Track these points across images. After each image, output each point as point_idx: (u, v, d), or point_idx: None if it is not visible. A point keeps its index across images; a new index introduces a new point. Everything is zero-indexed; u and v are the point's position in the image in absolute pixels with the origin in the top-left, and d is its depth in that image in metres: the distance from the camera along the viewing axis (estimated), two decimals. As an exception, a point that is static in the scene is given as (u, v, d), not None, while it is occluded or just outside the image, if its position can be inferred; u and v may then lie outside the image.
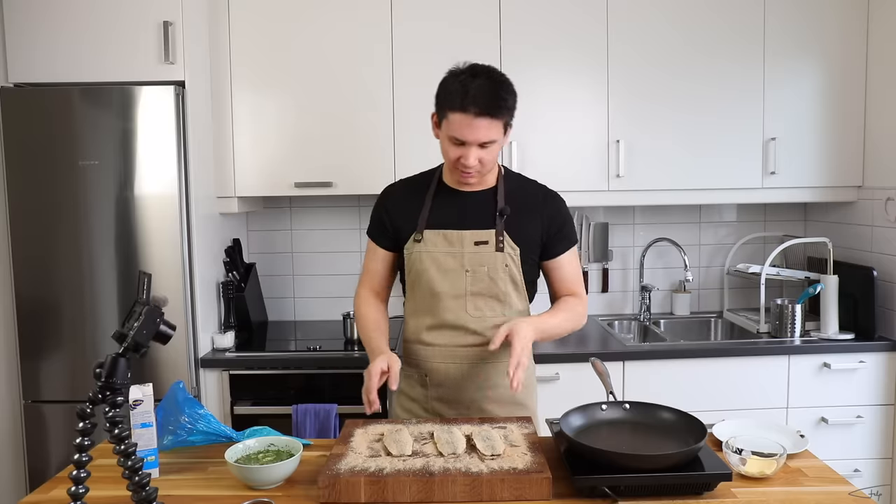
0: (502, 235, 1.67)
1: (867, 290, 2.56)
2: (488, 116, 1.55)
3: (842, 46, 2.68)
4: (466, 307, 1.69)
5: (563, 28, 2.63)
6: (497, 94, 1.56)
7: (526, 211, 1.71)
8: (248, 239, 3.05)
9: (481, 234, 1.67)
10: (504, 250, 1.67)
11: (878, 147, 2.66)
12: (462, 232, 1.68)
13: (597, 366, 1.66)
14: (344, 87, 2.61)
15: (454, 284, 1.69)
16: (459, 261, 1.68)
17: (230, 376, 2.45)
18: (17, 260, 2.34)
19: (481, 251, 1.67)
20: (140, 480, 1.17)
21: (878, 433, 2.54)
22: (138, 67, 2.37)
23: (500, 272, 1.68)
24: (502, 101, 1.57)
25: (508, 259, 1.67)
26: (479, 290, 1.68)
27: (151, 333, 1.20)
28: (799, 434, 1.55)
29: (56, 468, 2.36)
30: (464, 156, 1.60)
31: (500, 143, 1.63)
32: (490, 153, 1.61)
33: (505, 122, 1.60)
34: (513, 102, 1.61)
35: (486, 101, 1.55)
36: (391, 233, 1.77)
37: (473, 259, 1.67)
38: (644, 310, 2.99)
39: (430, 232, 1.70)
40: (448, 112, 1.59)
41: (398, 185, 1.84)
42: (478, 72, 1.60)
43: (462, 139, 1.58)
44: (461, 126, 1.57)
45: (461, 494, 1.27)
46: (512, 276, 1.69)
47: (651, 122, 2.67)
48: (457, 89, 1.57)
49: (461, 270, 1.68)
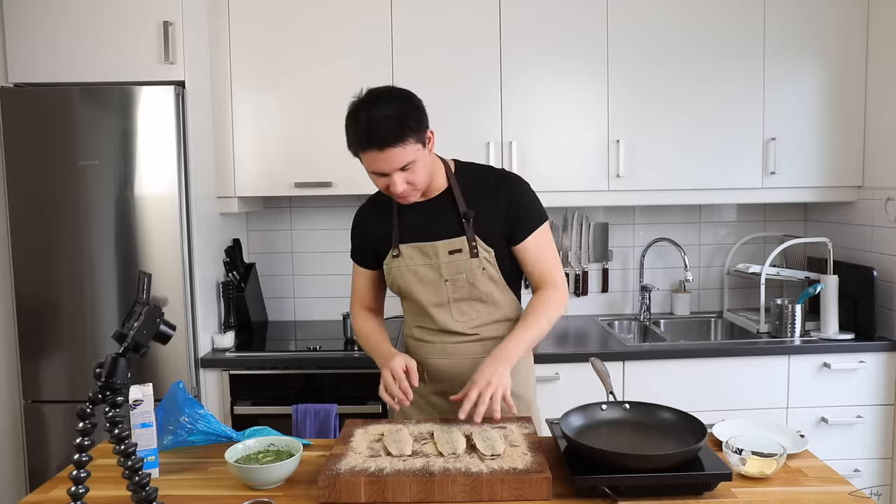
0: (474, 240, 1.66)
1: (867, 290, 2.56)
2: (394, 146, 1.50)
3: (842, 46, 2.68)
4: (452, 314, 1.71)
5: (563, 28, 2.63)
6: (395, 121, 1.50)
7: (484, 202, 1.67)
8: (248, 239, 3.05)
9: (453, 242, 1.67)
10: (479, 255, 1.66)
11: (878, 147, 2.66)
12: (434, 243, 1.67)
13: (597, 366, 1.66)
14: (344, 87, 2.59)
15: (437, 294, 1.70)
16: (437, 271, 1.68)
17: (230, 376, 2.45)
18: (18, 260, 2.34)
19: (456, 259, 1.66)
20: (140, 480, 1.17)
21: (878, 433, 2.54)
22: (138, 67, 2.37)
23: (478, 276, 1.67)
24: (402, 127, 1.50)
25: (484, 262, 1.67)
26: (462, 296, 1.69)
27: (151, 333, 1.21)
28: (799, 434, 1.55)
29: (56, 468, 2.36)
30: (391, 184, 1.57)
31: (425, 156, 1.58)
32: (415, 172, 1.57)
33: (417, 139, 1.54)
34: (417, 118, 1.54)
35: (385, 133, 1.49)
36: (371, 253, 1.79)
37: (450, 268, 1.67)
38: (644, 310, 2.99)
39: (405, 246, 1.70)
40: (358, 152, 1.57)
41: (366, 206, 1.84)
42: (374, 100, 1.53)
43: (381, 172, 1.56)
44: (374, 162, 1.55)
45: (461, 494, 1.27)
46: (491, 277, 1.69)
47: (651, 122, 2.67)
48: (354, 130, 1.54)
49: (440, 280, 1.68)
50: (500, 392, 1.49)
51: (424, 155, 1.58)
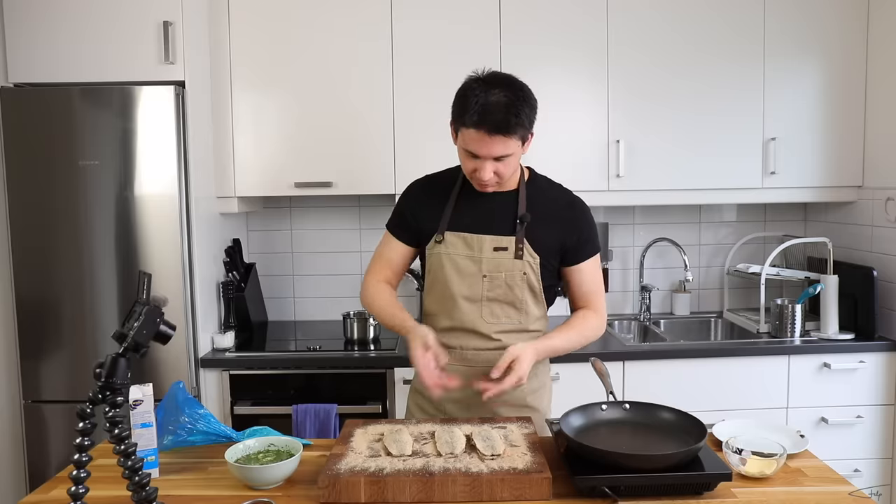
0: (522, 243, 1.65)
1: (867, 290, 2.56)
2: (502, 135, 1.52)
3: (842, 46, 2.68)
4: (482, 312, 1.68)
5: (563, 27, 2.63)
6: (512, 110, 1.52)
7: (548, 217, 1.68)
8: (248, 239, 3.05)
9: (501, 239, 1.66)
10: (523, 258, 1.65)
11: (878, 147, 2.66)
12: (482, 236, 1.67)
13: (597, 366, 1.66)
14: (344, 87, 2.61)
15: (472, 289, 1.68)
16: (478, 265, 1.66)
17: (230, 376, 2.45)
18: (18, 260, 2.34)
19: (500, 257, 1.66)
20: (140, 480, 1.17)
21: (878, 433, 2.54)
22: (138, 67, 2.37)
23: (517, 279, 1.66)
24: (517, 119, 1.52)
25: (527, 267, 1.66)
26: (497, 295, 1.67)
27: (151, 333, 1.20)
28: (799, 434, 1.55)
29: (56, 468, 2.36)
30: (479, 169, 1.59)
31: (519, 154, 1.61)
32: (507, 165, 1.59)
33: (521, 136, 1.57)
34: (530, 116, 1.57)
35: (500, 118, 1.51)
36: (413, 229, 1.76)
37: (492, 264, 1.66)
38: (644, 310, 2.99)
39: (451, 234, 1.69)
40: (462, 126, 1.57)
41: (423, 182, 1.82)
42: (495, 84, 1.55)
43: (476, 154, 1.57)
44: (475, 142, 1.55)
45: (461, 494, 1.27)
46: (530, 284, 1.68)
47: (651, 122, 2.67)
48: (471, 105, 1.53)
49: (479, 275, 1.66)
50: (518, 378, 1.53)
51: (520, 152, 1.61)
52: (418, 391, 1.80)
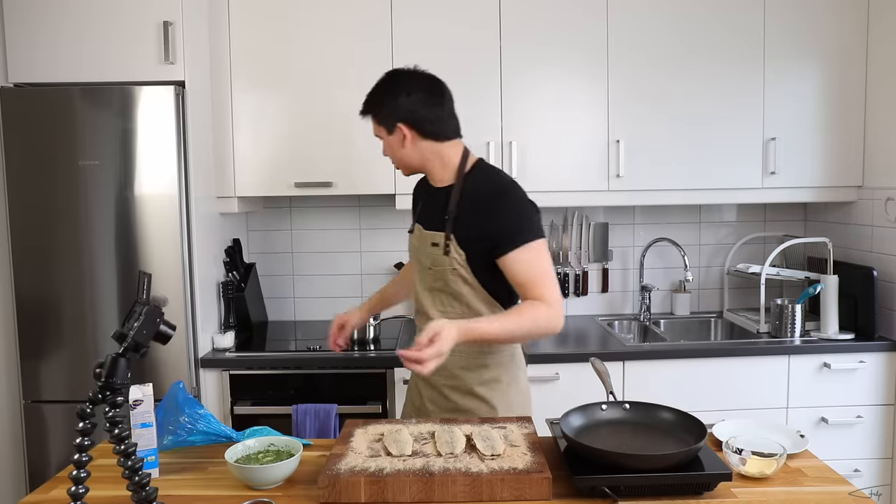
0: (449, 239, 1.67)
1: (867, 290, 2.56)
2: (364, 114, 1.75)
3: (841, 47, 2.68)
4: (433, 301, 1.76)
5: (563, 27, 2.63)
6: (372, 93, 1.72)
7: (476, 210, 1.66)
8: (248, 239, 3.05)
9: (435, 235, 1.71)
10: (450, 254, 1.68)
11: (878, 147, 2.66)
12: (425, 232, 1.75)
13: (597, 366, 1.66)
14: (344, 87, 2.61)
15: (422, 279, 1.79)
16: (424, 258, 1.75)
17: (230, 376, 2.45)
18: (18, 260, 2.34)
19: (434, 252, 1.71)
20: (140, 480, 1.17)
21: (878, 433, 2.54)
22: (138, 67, 2.37)
23: (448, 274, 1.70)
24: (370, 99, 1.72)
25: (455, 262, 1.68)
26: (439, 287, 1.74)
27: (151, 333, 1.21)
28: (799, 434, 1.55)
29: (56, 468, 2.36)
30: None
31: (392, 143, 1.72)
32: (388, 150, 1.75)
33: (380, 120, 1.71)
34: (380, 99, 1.70)
35: (365, 101, 1.74)
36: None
37: (430, 259, 1.73)
38: (644, 310, 2.99)
39: (416, 227, 1.81)
40: None
41: (423, 177, 1.88)
42: (389, 73, 1.75)
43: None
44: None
45: (461, 494, 1.27)
46: (463, 278, 1.69)
47: (651, 123, 2.67)
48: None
49: (426, 267, 1.75)
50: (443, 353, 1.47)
51: (393, 141, 1.72)
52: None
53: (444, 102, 1.71)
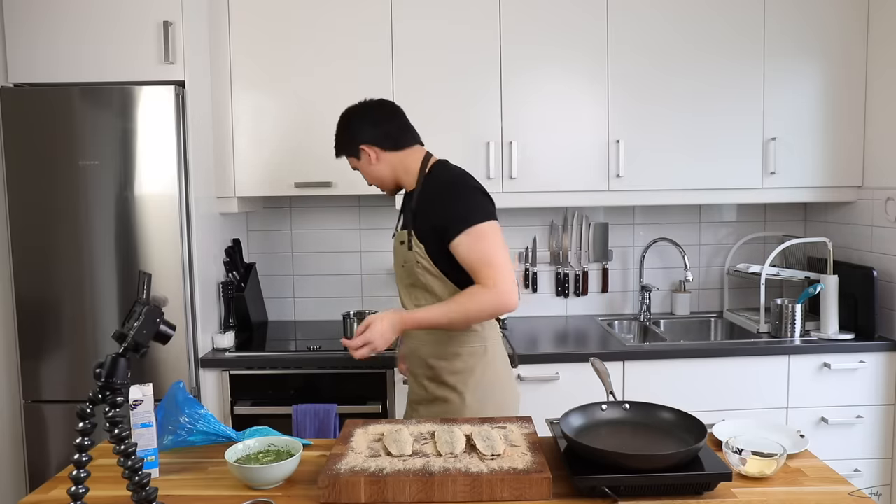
0: (411, 234, 1.81)
1: (867, 290, 2.56)
2: (338, 156, 1.94)
3: (842, 46, 2.68)
4: (409, 296, 1.88)
5: (563, 27, 2.63)
6: (335, 137, 1.91)
7: (430, 203, 1.79)
8: (248, 239, 3.05)
9: (401, 234, 1.86)
10: (412, 248, 1.80)
11: (878, 147, 2.66)
12: (397, 233, 1.90)
13: (597, 366, 1.66)
14: (344, 87, 2.61)
15: (400, 278, 1.90)
16: (397, 257, 1.88)
17: (230, 376, 2.45)
18: (18, 260, 2.34)
19: (402, 249, 1.84)
20: (140, 480, 1.17)
21: (878, 433, 2.54)
22: (138, 67, 2.37)
23: (415, 268, 1.81)
24: (336, 143, 1.91)
25: (417, 256, 1.80)
26: (412, 282, 1.85)
27: (151, 333, 1.21)
28: (799, 434, 1.55)
29: (56, 468, 2.36)
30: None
31: (365, 165, 1.88)
32: (366, 175, 1.91)
33: (349, 152, 1.89)
34: (343, 137, 1.89)
35: (334, 146, 1.94)
36: None
37: (401, 256, 1.86)
38: (644, 310, 2.99)
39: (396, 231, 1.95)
40: None
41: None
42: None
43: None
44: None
45: (461, 494, 1.27)
46: (427, 270, 1.80)
47: (651, 122, 2.67)
48: None
49: (399, 265, 1.88)
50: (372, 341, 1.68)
51: (363, 164, 1.89)
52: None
53: (395, 117, 1.88)
